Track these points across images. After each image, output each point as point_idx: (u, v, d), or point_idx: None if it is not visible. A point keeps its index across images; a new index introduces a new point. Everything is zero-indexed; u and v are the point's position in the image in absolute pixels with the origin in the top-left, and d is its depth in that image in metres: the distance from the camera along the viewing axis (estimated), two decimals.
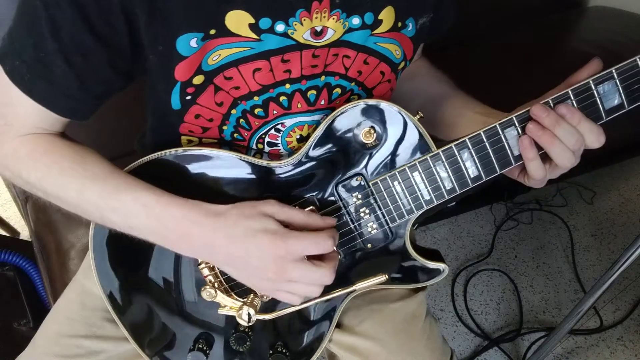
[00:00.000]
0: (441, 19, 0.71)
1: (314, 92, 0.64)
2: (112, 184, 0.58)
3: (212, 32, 0.54)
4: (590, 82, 0.57)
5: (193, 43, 0.54)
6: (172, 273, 0.68)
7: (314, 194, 0.65)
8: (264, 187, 0.64)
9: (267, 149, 0.68)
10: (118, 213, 0.57)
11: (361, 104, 0.61)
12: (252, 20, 0.55)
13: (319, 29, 0.58)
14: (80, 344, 0.73)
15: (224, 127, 0.65)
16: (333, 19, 0.58)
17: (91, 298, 0.75)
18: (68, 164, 0.59)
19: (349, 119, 0.62)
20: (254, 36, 0.56)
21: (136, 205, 0.56)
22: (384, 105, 0.61)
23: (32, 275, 1.30)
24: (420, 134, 0.62)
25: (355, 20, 0.60)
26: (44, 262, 1.16)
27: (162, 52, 0.54)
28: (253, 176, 0.64)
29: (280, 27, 0.56)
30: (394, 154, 0.63)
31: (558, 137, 0.56)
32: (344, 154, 0.63)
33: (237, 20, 0.54)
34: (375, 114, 0.61)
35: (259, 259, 0.54)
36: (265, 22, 0.55)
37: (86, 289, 0.77)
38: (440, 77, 0.82)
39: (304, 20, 0.57)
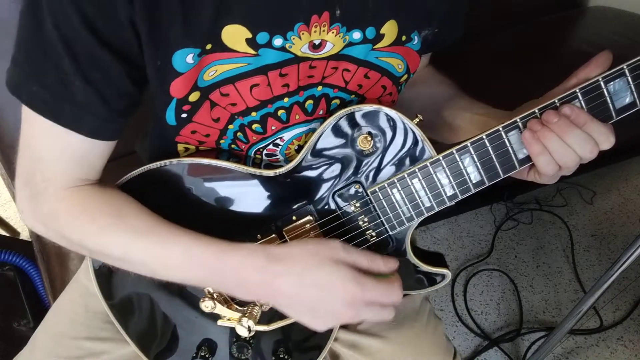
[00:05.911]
0: (447, 34, 0.70)
1: (311, 101, 0.63)
2: (156, 238, 0.56)
3: (208, 46, 0.53)
4: (600, 80, 0.54)
5: (189, 59, 0.53)
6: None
7: (311, 203, 0.64)
8: (261, 196, 0.63)
9: (265, 159, 0.67)
10: (167, 267, 0.56)
11: (358, 109, 0.59)
12: (249, 35, 0.53)
13: (317, 42, 0.57)
14: (81, 345, 0.73)
15: (221, 141, 0.64)
16: (332, 32, 0.57)
17: (95, 300, 0.74)
18: (108, 220, 0.57)
19: (346, 125, 0.60)
20: (252, 51, 0.55)
21: (185, 257, 0.55)
22: (382, 110, 0.59)
23: (32, 275, 1.29)
24: (419, 139, 0.60)
25: (356, 35, 0.59)
26: (44, 262, 1.15)
27: (160, 67, 0.53)
28: (250, 186, 0.63)
29: (278, 42, 0.55)
30: (392, 160, 0.62)
31: (568, 144, 0.54)
32: (341, 161, 0.62)
33: (234, 35, 0.53)
34: (372, 120, 0.60)
35: (333, 305, 0.54)
36: (262, 37, 0.54)
37: (90, 291, 0.76)
38: (443, 80, 0.80)
39: (302, 34, 0.55)
